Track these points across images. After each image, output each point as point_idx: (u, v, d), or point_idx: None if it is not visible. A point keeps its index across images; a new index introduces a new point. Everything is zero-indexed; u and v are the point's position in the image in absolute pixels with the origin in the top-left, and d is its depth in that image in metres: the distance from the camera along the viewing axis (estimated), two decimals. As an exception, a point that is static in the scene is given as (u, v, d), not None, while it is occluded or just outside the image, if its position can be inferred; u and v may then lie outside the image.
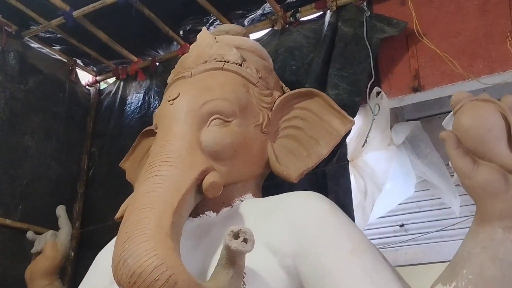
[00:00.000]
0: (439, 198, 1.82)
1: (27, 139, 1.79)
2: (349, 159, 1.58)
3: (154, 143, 1.18)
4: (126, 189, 1.91)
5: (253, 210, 1.14)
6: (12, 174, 1.72)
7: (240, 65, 1.25)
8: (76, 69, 2.11)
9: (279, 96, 1.29)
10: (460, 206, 1.71)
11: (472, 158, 0.85)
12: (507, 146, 0.84)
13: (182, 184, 1.01)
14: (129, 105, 2.03)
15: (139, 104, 2.00)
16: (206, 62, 1.25)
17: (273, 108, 1.26)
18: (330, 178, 1.53)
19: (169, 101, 1.17)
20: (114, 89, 2.10)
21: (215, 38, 1.31)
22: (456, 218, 1.75)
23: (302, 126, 1.28)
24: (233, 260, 0.93)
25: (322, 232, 1.01)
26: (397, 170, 1.70)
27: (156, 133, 1.21)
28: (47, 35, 1.98)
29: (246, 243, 0.91)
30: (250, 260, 0.96)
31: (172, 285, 0.84)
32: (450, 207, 1.75)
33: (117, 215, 1.18)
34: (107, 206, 1.92)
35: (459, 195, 1.69)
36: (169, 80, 1.33)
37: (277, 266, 1.01)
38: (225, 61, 1.25)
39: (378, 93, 1.47)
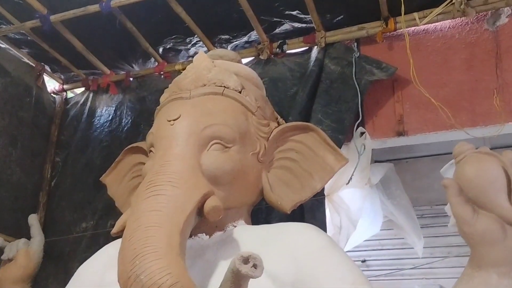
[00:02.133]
0: (402, 238, 1.88)
1: (-8, 143, 1.68)
2: (325, 193, 1.61)
3: (150, 161, 1.16)
4: (90, 203, 1.84)
5: (249, 237, 1.13)
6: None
7: (240, 92, 1.25)
8: (44, 75, 2.02)
9: (276, 127, 1.30)
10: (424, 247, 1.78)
11: (472, 207, 0.89)
12: (507, 198, 0.88)
13: (187, 206, 1.00)
14: (98, 118, 1.96)
15: (110, 118, 1.94)
16: (205, 85, 1.24)
17: (270, 138, 1.27)
18: (307, 211, 1.54)
19: (169, 121, 1.15)
20: (83, 100, 2.02)
21: (212, 61, 1.31)
22: (418, 258, 1.81)
23: (297, 159, 1.29)
24: (238, 284, 0.91)
25: (324, 263, 1.03)
26: (367, 208, 1.74)
27: (151, 151, 1.18)
28: (18, 36, 1.89)
29: (256, 268, 0.89)
30: (250, 286, 0.95)
31: None
32: (412, 248, 1.82)
33: (114, 230, 1.12)
34: (70, 218, 1.84)
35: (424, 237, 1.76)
36: (162, 99, 1.30)
37: None
38: (224, 86, 1.24)
39: (362, 133, 1.51)
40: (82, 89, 2.08)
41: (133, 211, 1.00)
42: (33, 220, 1.65)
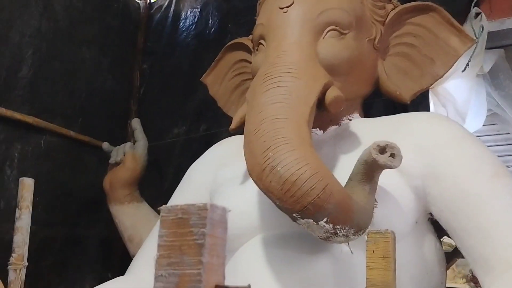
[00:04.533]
0: (506, 133, 1.78)
1: (84, 51, 1.66)
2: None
3: (261, 54, 1.10)
4: (181, 108, 1.85)
5: (368, 129, 1.09)
6: (71, 86, 1.62)
7: None
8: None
9: (392, 10, 1.19)
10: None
11: None
12: None
13: (309, 97, 0.95)
14: (183, 21, 1.90)
15: (195, 20, 1.88)
16: None
17: (386, 22, 1.17)
18: (409, 105, 1.47)
19: (281, 8, 1.07)
20: (166, 3, 1.96)
21: None
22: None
23: (416, 44, 1.19)
24: (371, 176, 0.89)
25: (459, 154, 0.98)
26: (473, 101, 1.64)
27: (260, 44, 1.12)
28: None
29: (394, 158, 0.85)
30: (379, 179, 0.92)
31: (329, 194, 0.79)
32: (516, 143, 1.73)
33: (232, 125, 1.11)
34: (161, 124, 1.86)
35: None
36: None
37: (405, 185, 0.98)
38: None
39: (477, 14, 1.38)
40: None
41: (252, 105, 0.97)
42: (136, 124, 1.68)
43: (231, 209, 1.09)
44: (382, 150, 0.86)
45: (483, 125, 1.82)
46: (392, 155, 0.85)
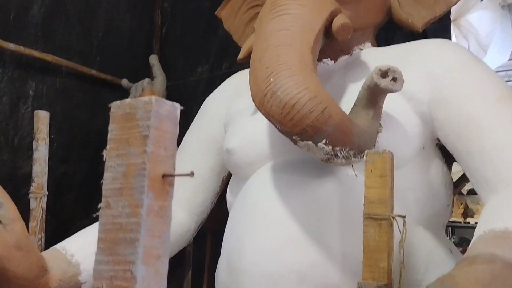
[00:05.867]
0: (533, 67, 1.73)
1: (99, -10, 1.69)
2: (452, 18, 1.48)
3: None
4: (203, 47, 1.87)
5: (378, 58, 1.08)
6: (88, 25, 1.65)
7: None
8: None
9: None
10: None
11: None
12: None
13: (315, 24, 0.95)
14: (204, -42, 1.89)
15: (215, -45, 1.86)
16: None
17: None
18: (430, 37, 1.44)
19: None
20: None
21: None
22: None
23: None
24: (375, 100, 0.90)
25: (465, 78, 0.97)
26: (497, 33, 1.59)
27: None
28: None
29: (396, 82, 0.86)
30: (384, 104, 0.93)
31: (327, 117, 0.81)
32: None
33: (240, 56, 1.13)
34: (184, 63, 1.89)
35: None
36: None
37: (411, 111, 0.99)
38: None
39: None
40: None
41: (259, 34, 0.98)
42: (154, 60, 1.71)
43: (242, 139, 1.13)
44: (384, 74, 0.87)
45: (510, 60, 1.77)
46: (394, 79, 0.86)
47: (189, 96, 1.90)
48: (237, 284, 0.96)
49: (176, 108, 0.40)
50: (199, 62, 1.89)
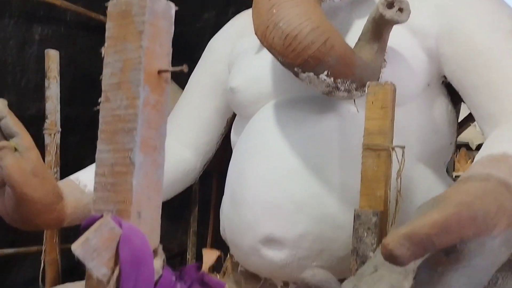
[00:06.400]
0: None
1: None
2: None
3: None
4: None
5: None
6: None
7: None
8: None
9: None
10: None
11: None
12: None
13: None
14: None
15: None
16: None
17: None
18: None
19: None
20: None
21: None
22: None
23: None
24: (379, 33, 0.89)
25: (476, 11, 0.95)
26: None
27: None
28: None
29: (402, 12, 0.85)
30: (390, 39, 0.92)
31: (329, 48, 0.81)
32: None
33: None
34: (191, 9, 1.87)
35: None
36: None
37: (418, 47, 0.98)
38: None
39: None
40: None
41: None
42: None
43: (246, 77, 1.12)
44: (390, 5, 0.85)
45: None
46: (400, 10, 0.85)
47: (196, 43, 1.89)
48: (238, 214, 0.98)
49: (170, 7, 0.40)
50: (206, 8, 1.88)
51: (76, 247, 0.32)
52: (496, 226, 0.49)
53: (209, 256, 0.54)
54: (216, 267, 1.12)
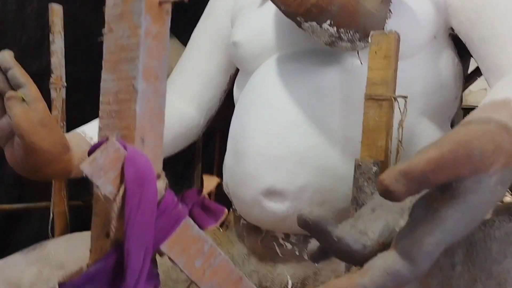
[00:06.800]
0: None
1: None
2: None
3: None
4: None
5: None
6: None
7: None
8: None
9: None
10: None
11: None
12: None
13: None
14: None
15: None
16: None
17: None
18: None
19: None
20: None
21: None
22: None
23: None
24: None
25: None
26: None
27: None
28: None
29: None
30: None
31: None
32: None
33: None
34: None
35: None
36: None
37: None
38: None
39: None
40: None
41: None
42: None
43: (249, 31, 1.12)
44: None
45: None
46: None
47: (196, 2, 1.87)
48: (241, 167, 0.99)
49: None
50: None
51: (85, 166, 0.34)
52: (492, 164, 0.50)
53: (210, 182, 0.55)
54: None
